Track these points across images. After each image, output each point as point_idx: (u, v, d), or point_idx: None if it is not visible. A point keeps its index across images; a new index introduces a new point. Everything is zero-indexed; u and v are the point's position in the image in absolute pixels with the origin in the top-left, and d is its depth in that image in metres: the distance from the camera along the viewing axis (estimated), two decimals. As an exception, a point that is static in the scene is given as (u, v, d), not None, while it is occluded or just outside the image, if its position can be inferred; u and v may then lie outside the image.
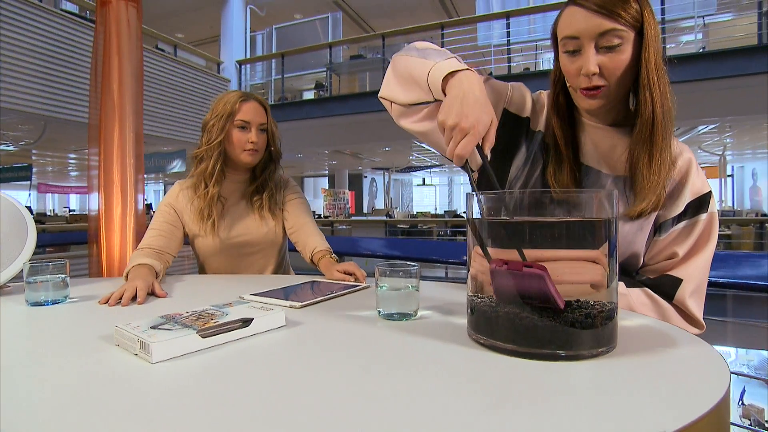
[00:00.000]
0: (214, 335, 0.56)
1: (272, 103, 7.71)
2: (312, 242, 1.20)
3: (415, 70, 0.77)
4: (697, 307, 0.81)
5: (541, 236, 0.53)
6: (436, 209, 16.44)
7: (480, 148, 0.67)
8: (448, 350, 0.57)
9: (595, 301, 0.54)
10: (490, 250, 0.56)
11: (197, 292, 0.97)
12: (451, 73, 0.70)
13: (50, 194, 16.85)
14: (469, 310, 0.62)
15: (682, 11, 5.71)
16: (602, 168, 0.84)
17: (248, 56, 7.51)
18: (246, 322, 0.61)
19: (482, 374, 0.49)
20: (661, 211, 0.82)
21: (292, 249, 1.32)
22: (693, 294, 0.80)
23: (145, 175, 3.44)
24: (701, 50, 5.77)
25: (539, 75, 6.25)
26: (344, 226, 8.85)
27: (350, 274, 1.03)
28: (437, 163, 13.05)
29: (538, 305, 0.53)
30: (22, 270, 0.95)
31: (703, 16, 5.90)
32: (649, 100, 0.75)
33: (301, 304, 0.79)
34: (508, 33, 6.17)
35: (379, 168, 13.31)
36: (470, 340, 0.60)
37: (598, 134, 0.84)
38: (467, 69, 0.70)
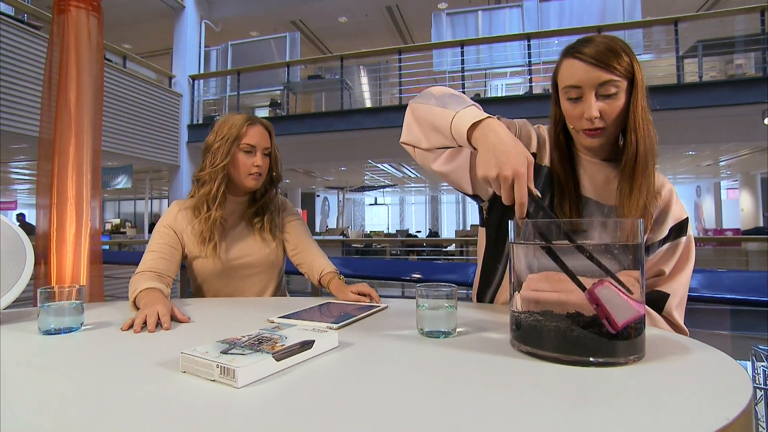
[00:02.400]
0: (286, 358, 0.58)
1: (226, 119, 7.53)
2: (319, 264, 1.22)
3: (436, 119, 0.81)
4: (680, 317, 0.92)
5: (598, 258, 0.60)
6: (388, 228, 16.61)
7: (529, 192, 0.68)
8: (500, 361, 0.62)
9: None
10: (542, 274, 0.63)
11: (216, 316, 0.95)
12: (475, 124, 0.73)
13: (-38, 211, 15.15)
14: (513, 326, 0.68)
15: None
16: (599, 199, 0.93)
17: (202, 71, 7.31)
18: (308, 344, 0.62)
19: (539, 380, 0.55)
20: (649, 235, 0.93)
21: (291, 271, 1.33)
22: (678, 306, 0.92)
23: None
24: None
25: (488, 101, 6.64)
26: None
27: (364, 295, 1.05)
28: (390, 183, 13.27)
29: (584, 320, 0.61)
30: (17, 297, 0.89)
31: (631, 55, 6.56)
32: (633, 140, 0.85)
33: (338, 325, 0.81)
34: (463, 61, 6.50)
35: (333, 187, 13.31)
36: (514, 351, 0.66)
37: (594, 168, 0.94)
38: (488, 117, 0.74)
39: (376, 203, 18.31)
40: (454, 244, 9.98)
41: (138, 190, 9.84)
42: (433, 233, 14.97)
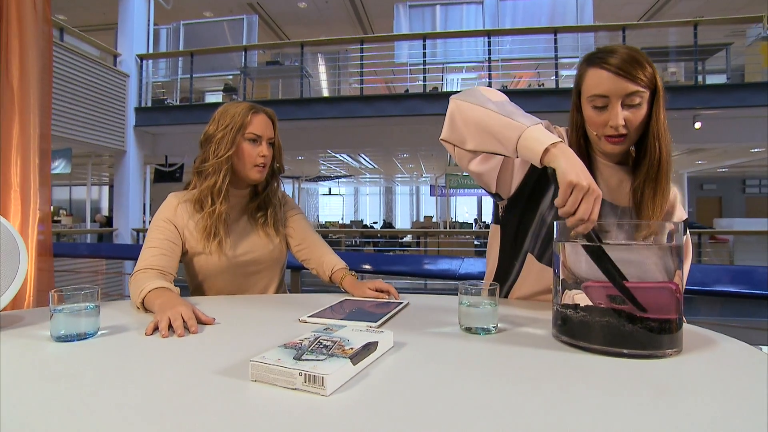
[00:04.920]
0: (360, 361, 0.57)
1: (176, 103, 7.12)
2: (329, 260, 1.19)
3: (496, 127, 0.79)
4: None
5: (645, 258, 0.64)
6: (342, 218, 16.53)
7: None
8: (556, 356, 0.65)
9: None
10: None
11: (238, 316, 0.90)
12: (553, 145, 0.74)
13: None
14: (558, 321, 0.71)
15: (571, 50, 6.65)
16: (612, 200, 0.98)
17: (151, 51, 6.82)
18: (373, 345, 0.61)
19: (604, 372, 0.58)
20: None
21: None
22: None
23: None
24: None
25: (444, 95, 6.77)
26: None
27: (382, 292, 1.05)
28: (346, 173, 13.18)
29: (629, 316, 0.65)
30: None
31: (579, 57, 6.94)
32: (657, 147, 0.90)
33: (378, 323, 0.80)
34: (425, 54, 6.54)
35: (287, 177, 13.02)
36: (559, 345, 0.69)
37: (608, 171, 0.98)
38: (560, 140, 0.74)
39: (330, 193, 18.14)
40: (410, 236, 10.13)
41: (75, 176, 9.08)
42: (387, 224, 15.09)
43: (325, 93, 8.13)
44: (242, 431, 0.43)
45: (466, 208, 17.20)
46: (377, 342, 0.62)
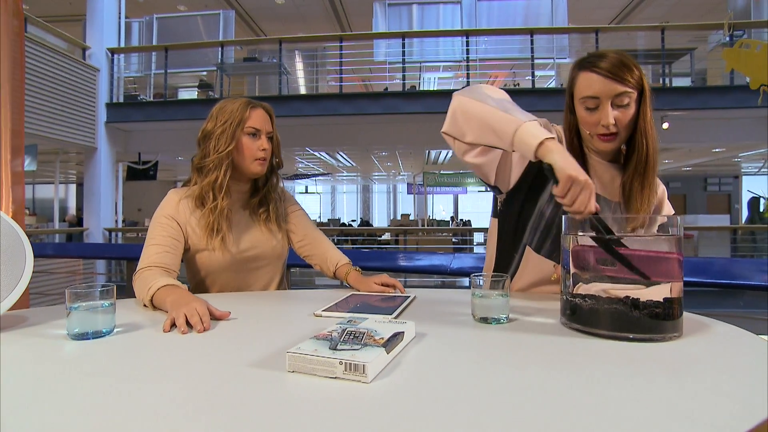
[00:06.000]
0: (392, 349, 0.58)
1: (150, 99, 6.92)
2: (333, 256, 1.20)
3: (495, 122, 0.84)
4: None
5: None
6: (320, 217, 16.42)
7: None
8: (564, 341, 0.69)
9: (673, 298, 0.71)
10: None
11: (252, 312, 0.91)
12: (545, 140, 0.78)
13: None
14: (567, 310, 0.75)
15: (546, 52, 6.83)
16: (606, 195, 1.03)
17: (122, 45, 6.59)
18: (400, 335, 0.63)
19: (603, 353, 0.62)
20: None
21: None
22: None
23: None
24: (560, 86, 6.95)
25: (422, 94, 6.84)
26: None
27: (388, 286, 1.07)
28: (324, 171, 13.11)
29: (634, 302, 0.69)
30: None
31: (554, 58, 7.13)
32: (644, 144, 0.96)
33: (394, 315, 0.82)
34: (404, 53, 6.58)
35: (264, 174, 12.83)
36: (567, 331, 0.74)
37: (601, 168, 1.03)
38: (553, 136, 0.79)
39: (307, 192, 17.98)
40: (388, 234, 10.17)
41: (40, 174, 8.69)
42: (365, 222, 15.09)
43: (303, 90, 8.06)
44: (290, 421, 0.44)
45: (442, 206, 17.39)
46: (404, 332, 0.64)
